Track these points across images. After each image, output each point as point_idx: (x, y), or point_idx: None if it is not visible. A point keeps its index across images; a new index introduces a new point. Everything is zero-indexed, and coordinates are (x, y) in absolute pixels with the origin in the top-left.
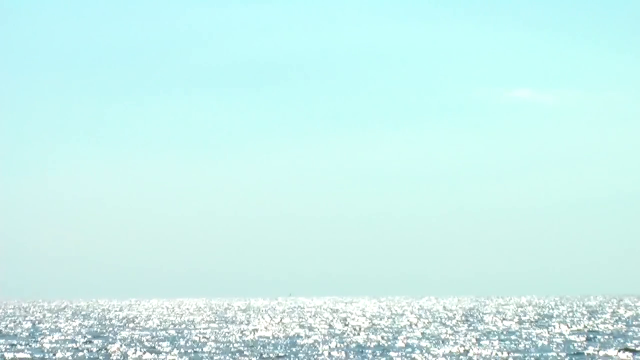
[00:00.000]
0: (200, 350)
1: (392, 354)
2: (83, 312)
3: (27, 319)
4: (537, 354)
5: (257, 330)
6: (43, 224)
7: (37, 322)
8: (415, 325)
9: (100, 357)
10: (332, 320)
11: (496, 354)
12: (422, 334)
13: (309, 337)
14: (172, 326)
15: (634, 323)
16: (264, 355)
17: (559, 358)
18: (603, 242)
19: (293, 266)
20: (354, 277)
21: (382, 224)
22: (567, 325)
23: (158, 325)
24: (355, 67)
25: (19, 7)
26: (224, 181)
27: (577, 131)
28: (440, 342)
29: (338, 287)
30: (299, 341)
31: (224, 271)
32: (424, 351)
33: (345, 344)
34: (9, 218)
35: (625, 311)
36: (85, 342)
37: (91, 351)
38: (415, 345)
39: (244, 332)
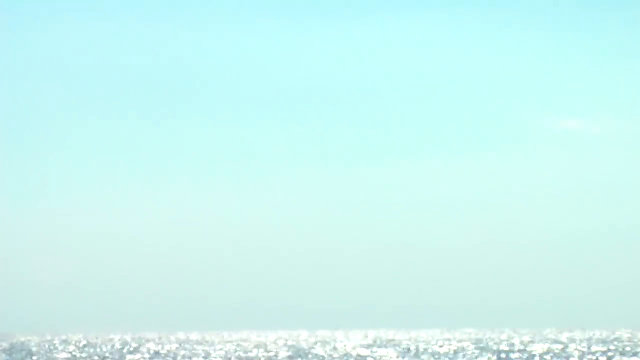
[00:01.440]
0: None
1: None
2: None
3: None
4: None
5: None
6: (76, 254)
7: None
8: None
9: None
10: None
11: None
12: None
13: None
14: None
15: None
16: None
17: None
18: None
19: (326, 297)
20: (397, 308)
21: (425, 253)
22: None
23: None
24: (401, 92)
25: (55, 23)
26: (254, 210)
27: (625, 160)
28: None
29: (376, 319)
30: None
31: (260, 302)
32: None
33: None
34: (24, 246)
35: None
36: None
37: None
38: None
39: None
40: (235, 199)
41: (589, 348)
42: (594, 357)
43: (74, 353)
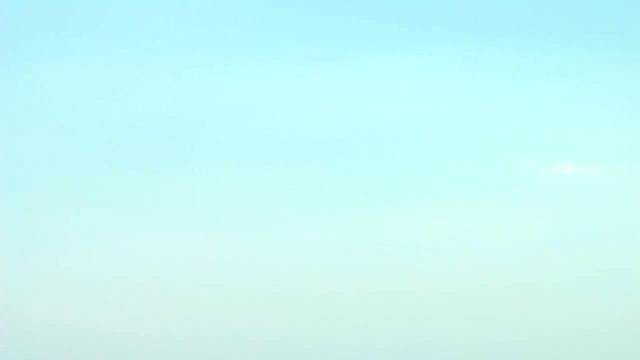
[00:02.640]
0: None
1: None
2: None
3: None
4: None
5: None
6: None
7: None
8: None
9: None
10: None
11: None
12: None
13: None
14: None
15: None
16: None
17: None
18: None
19: (324, 339)
20: (391, 350)
21: (415, 299)
22: None
23: None
24: (392, 140)
25: (63, 69)
26: (255, 256)
27: (623, 205)
28: None
29: None
30: None
31: (257, 344)
32: None
33: None
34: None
35: None
36: None
37: None
38: None
39: None
40: (237, 246)
41: None
42: None
43: None
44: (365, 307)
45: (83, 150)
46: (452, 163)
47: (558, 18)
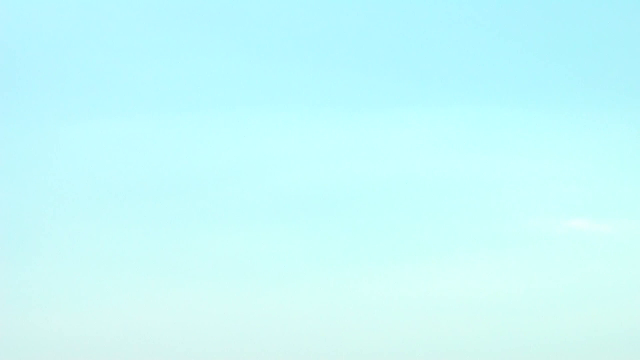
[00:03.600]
0: None
1: None
2: None
3: None
4: None
5: None
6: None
7: None
8: None
9: None
10: None
11: None
12: None
13: None
14: None
15: None
16: None
17: None
18: None
19: None
20: None
21: (430, 356)
22: None
23: None
24: (400, 197)
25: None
26: (269, 315)
27: (637, 262)
28: None
29: None
30: None
31: None
32: None
33: None
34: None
35: None
36: None
37: None
38: None
39: None
40: (241, 304)
41: None
42: None
43: None
44: None
45: (85, 208)
46: (462, 221)
47: (569, 72)
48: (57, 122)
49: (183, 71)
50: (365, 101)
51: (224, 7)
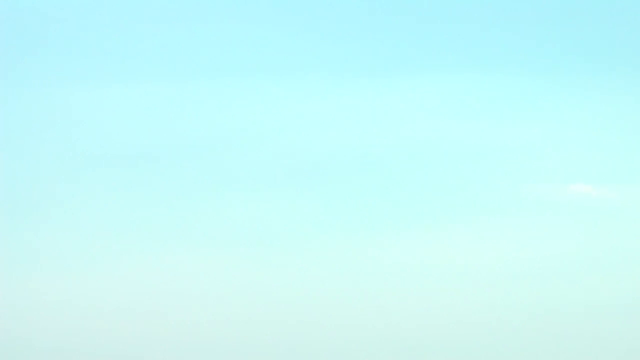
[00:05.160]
0: None
1: None
2: None
3: None
4: None
5: None
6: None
7: None
8: None
9: None
10: None
11: None
12: None
13: None
14: None
15: None
16: None
17: None
18: None
19: None
20: None
21: (423, 324)
22: None
23: None
24: (403, 164)
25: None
26: (270, 281)
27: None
28: None
29: None
30: None
31: None
32: None
33: None
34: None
35: None
36: None
37: None
38: None
39: None
40: (244, 269)
41: None
42: None
43: None
44: (369, 331)
45: (98, 171)
46: (465, 187)
47: (572, 40)
48: (66, 86)
49: (187, 37)
50: (368, 67)
51: None
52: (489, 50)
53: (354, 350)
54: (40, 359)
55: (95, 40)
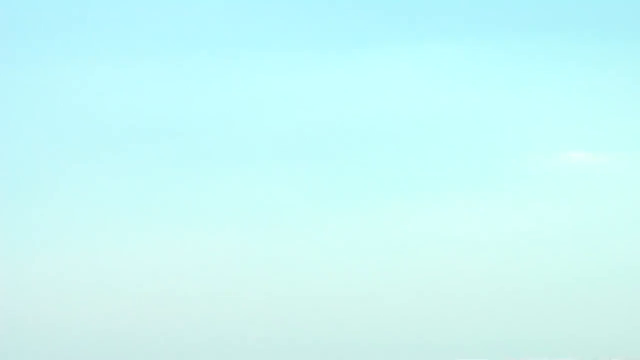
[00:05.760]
0: None
1: None
2: None
3: None
4: None
5: None
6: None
7: None
8: None
9: None
10: None
11: None
12: None
13: None
14: None
15: None
16: None
17: None
18: None
19: (330, 336)
20: (397, 346)
21: (425, 294)
22: None
23: None
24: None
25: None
26: (271, 255)
27: (633, 192)
28: None
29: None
30: None
31: (261, 345)
32: None
33: None
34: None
35: None
36: None
37: None
38: None
39: None
40: (245, 245)
41: None
42: None
43: None
44: (373, 302)
45: (86, 151)
46: (460, 157)
47: (565, 10)
48: (59, 65)
49: (180, 15)
50: (358, 39)
51: None
52: (480, 19)
53: (355, 317)
54: (46, 338)
55: (83, 17)
